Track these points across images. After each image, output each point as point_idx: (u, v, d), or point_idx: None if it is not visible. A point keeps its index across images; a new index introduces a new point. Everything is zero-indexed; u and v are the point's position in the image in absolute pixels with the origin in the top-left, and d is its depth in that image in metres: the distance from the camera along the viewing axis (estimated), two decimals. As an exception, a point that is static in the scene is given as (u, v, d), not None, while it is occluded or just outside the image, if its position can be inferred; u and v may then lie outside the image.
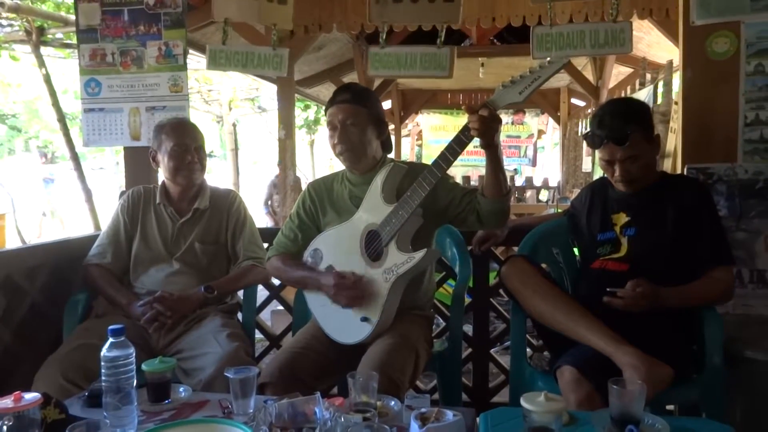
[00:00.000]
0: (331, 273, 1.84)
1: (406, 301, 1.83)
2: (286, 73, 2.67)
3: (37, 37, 4.84)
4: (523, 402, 1.16)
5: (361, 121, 1.88)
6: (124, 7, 2.60)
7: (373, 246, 1.82)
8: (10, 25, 5.12)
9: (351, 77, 7.49)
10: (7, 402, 1.18)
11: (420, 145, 11.90)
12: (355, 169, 1.95)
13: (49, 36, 5.01)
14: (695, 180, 2.05)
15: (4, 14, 4.58)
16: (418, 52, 2.47)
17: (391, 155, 2.02)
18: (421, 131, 11.74)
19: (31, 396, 1.21)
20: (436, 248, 2.06)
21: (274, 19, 2.55)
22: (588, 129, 1.88)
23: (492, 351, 2.55)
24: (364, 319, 1.79)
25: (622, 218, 1.85)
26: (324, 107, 1.97)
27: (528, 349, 2.22)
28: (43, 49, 5.15)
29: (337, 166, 2.05)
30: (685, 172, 2.16)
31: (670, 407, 1.91)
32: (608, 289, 1.66)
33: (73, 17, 4.42)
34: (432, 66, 2.46)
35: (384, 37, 2.50)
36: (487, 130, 1.65)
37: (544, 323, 1.79)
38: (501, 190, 1.76)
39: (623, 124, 1.75)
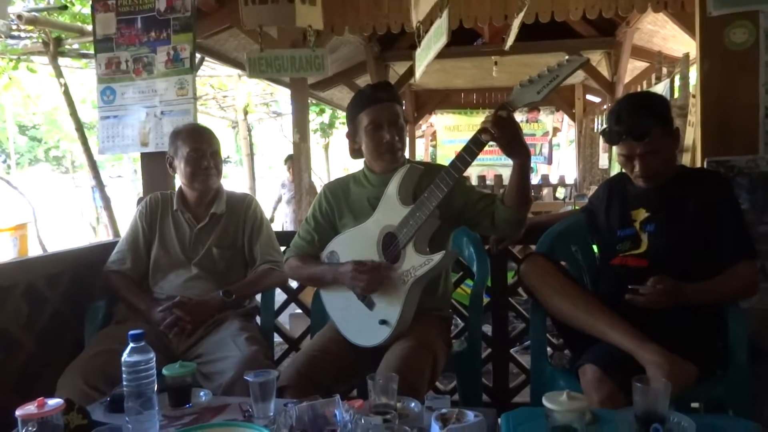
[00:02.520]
0: (349, 262, 1.84)
1: (424, 303, 1.82)
2: (329, 72, 2.71)
3: (55, 48, 4.92)
4: (545, 401, 1.15)
5: (402, 120, 1.92)
6: (137, 15, 2.63)
7: (390, 248, 1.81)
8: (29, 38, 5.20)
9: (364, 80, 7.49)
10: (31, 408, 1.19)
11: (434, 146, 11.88)
12: (384, 169, 1.93)
13: (66, 47, 5.09)
14: (716, 173, 2.01)
15: (22, 27, 4.65)
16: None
17: (406, 155, 2.02)
18: (435, 132, 11.72)
19: (54, 402, 1.22)
20: (454, 249, 2.05)
21: (309, 21, 2.56)
22: (605, 125, 1.86)
23: (512, 351, 2.53)
24: (383, 322, 1.78)
25: (642, 214, 1.82)
26: (355, 106, 1.96)
27: (548, 348, 2.20)
28: (61, 60, 5.24)
29: (352, 169, 2.05)
30: (705, 166, 2.12)
31: (695, 405, 1.87)
32: (630, 287, 1.63)
33: (89, 27, 4.50)
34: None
35: (420, 38, 2.59)
36: (502, 128, 1.63)
37: (564, 321, 1.77)
38: (522, 201, 1.75)
39: (642, 119, 1.72)
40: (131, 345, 1.35)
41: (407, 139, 1.98)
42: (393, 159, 1.91)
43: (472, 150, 1.69)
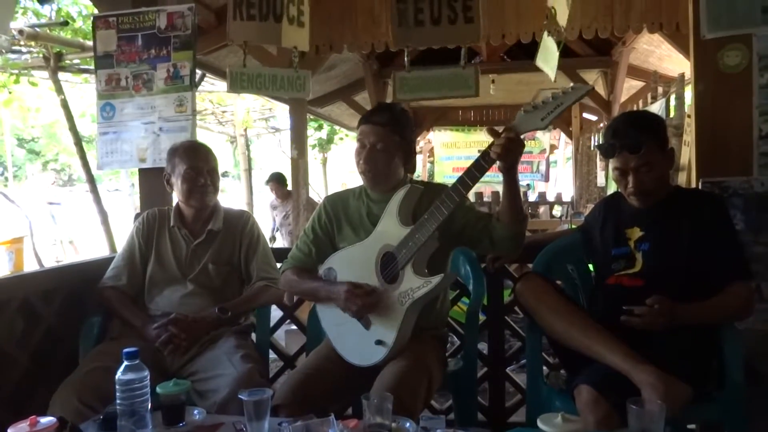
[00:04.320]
0: (344, 282, 1.84)
1: (420, 322, 1.81)
2: (309, 94, 2.70)
3: (55, 63, 4.95)
4: (540, 424, 1.15)
5: (391, 148, 1.88)
6: (138, 32, 2.65)
7: (388, 268, 1.81)
8: (29, 52, 5.24)
9: (362, 96, 7.55)
10: (24, 426, 1.19)
11: (432, 162, 11.93)
12: (374, 190, 1.96)
13: (67, 62, 5.12)
14: (710, 194, 2.03)
15: (24, 42, 4.68)
16: (444, 74, 2.48)
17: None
18: (432, 148, 11.78)
19: (46, 420, 1.22)
20: (452, 272, 2.05)
21: (294, 42, 2.57)
22: (602, 140, 1.88)
23: (508, 369, 2.52)
24: (379, 342, 1.77)
25: (636, 233, 1.83)
26: (357, 123, 1.97)
27: (544, 368, 2.20)
28: (61, 75, 5.26)
29: (350, 184, 2.06)
30: (699, 186, 2.13)
31: (691, 426, 1.87)
32: (625, 308, 1.63)
33: (89, 43, 4.52)
34: (458, 86, 2.46)
35: (408, 60, 2.52)
36: (508, 153, 1.64)
37: (560, 341, 1.77)
38: (517, 216, 1.76)
39: (637, 133, 1.75)
40: (126, 363, 1.35)
41: (398, 166, 1.91)
42: (366, 179, 1.92)
43: (474, 174, 1.69)
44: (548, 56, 2.72)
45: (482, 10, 2.39)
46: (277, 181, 6.39)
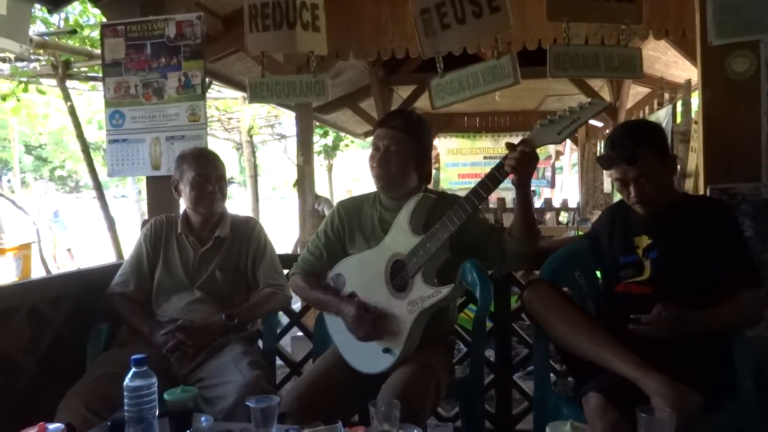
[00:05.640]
0: (353, 302, 1.83)
1: (428, 330, 1.81)
2: (329, 97, 2.66)
3: (63, 72, 4.98)
4: None
5: (405, 152, 1.89)
6: (146, 41, 2.67)
7: (398, 276, 1.81)
8: (38, 60, 5.28)
9: (368, 103, 7.56)
10: (32, 433, 1.19)
11: (437, 168, 11.91)
12: (387, 194, 1.96)
13: (75, 69, 5.16)
14: (719, 200, 2.02)
15: (32, 50, 4.72)
16: (479, 69, 2.38)
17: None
18: (438, 155, 11.77)
19: (54, 427, 1.23)
20: (463, 283, 2.05)
21: (312, 46, 2.56)
22: (602, 151, 1.89)
23: (515, 376, 2.51)
24: (386, 350, 1.77)
25: (644, 241, 1.83)
26: (374, 127, 2.01)
27: (552, 375, 2.19)
28: (69, 82, 5.30)
29: (355, 192, 2.06)
30: (708, 193, 2.12)
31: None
32: (632, 316, 1.62)
33: (97, 51, 4.56)
34: (496, 77, 2.35)
35: (441, 66, 2.46)
36: (523, 167, 1.65)
37: (567, 349, 1.76)
38: (530, 230, 1.76)
39: (633, 144, 1.75)
40: (133, 369, 1.35)
41: (411, 171, 1.91)
42: (378, 182, 1.93)
43: (488, 186, 1.70)
44: None
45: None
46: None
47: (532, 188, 1.75)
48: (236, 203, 13.82)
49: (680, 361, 1.57)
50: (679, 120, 4.80)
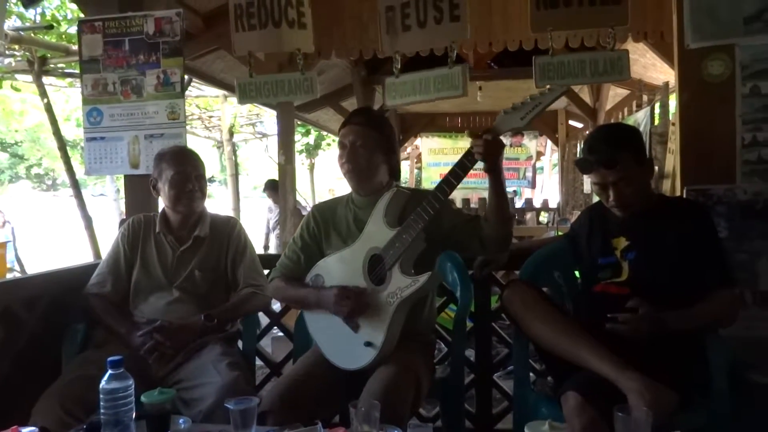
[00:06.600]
0: (333, 287, 1.85)
1: (408, 328, 1.82)
2: (318, 95, 2.65)
3: (39, 67, 4.89)
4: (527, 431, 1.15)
5: (371, 144, 1.92)
6: (125, 37, 2.63)
7: (376, 270, 1.82)
8: (13, 56, 5.18)
9: (350, 102, 7.55)
10: (5, 437, 1.16)
11: (419, 168, 11.95)
12: (359, 191, 1.98)
13: (51, 66, 5.07)
14: (695, 202, 2.05)
15: (7, 45, 4.63)
16: (431, 76, 2.42)
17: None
18: (420, 154, 11.80)
19: (29, 430, 1.20)
20: (439, 272, 2.06)
21: (297, 44, 2.55)
22: (581, 155, 1.91)
23: (495, 376, 2.52)
24: (368, 344, 1.77)
25: (622, 242, 1.85)
26: (338, 128, 2.03)
27: (531, 374, 2.20)
28: (45, 79, 5.21)
29: (338, 191, 2.06)
30: (684, 194, 2.16)
31: (676, 433, 1.88)
32: (609, 315, 1.64)
33: (74, 47, 4.49)
34: (446, 87, 2.40)
35: (398, 66, 2.48)
36: (490, 154, 1.70)
37: (546, 348, 1.78)
38: (504, 215, 1.79)
39: (612, 148, 1.77)
40: (110, 371, 1.33)
41: (380, 164, 1.95)
42: (350, 178, 1.95)
43: (457, 173, 1.74)
44: None
45: (470, 12, 2.35)
46: (271, 188, 6.85)
47: (513, 189, 1.78)
48: (217, 202, 13.73)
49: (656, 360, 1.59)
50: (657, 122, 4.88)
